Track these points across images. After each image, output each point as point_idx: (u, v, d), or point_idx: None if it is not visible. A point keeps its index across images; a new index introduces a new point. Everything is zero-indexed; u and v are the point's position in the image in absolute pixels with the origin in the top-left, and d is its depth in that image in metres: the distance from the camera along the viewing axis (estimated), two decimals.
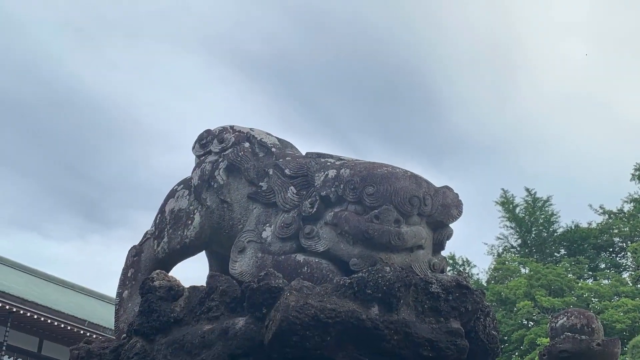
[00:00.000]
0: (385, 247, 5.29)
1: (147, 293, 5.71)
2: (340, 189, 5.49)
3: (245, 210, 6.06)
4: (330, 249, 5.42)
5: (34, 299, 30.89)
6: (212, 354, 5.11)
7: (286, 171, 5.87)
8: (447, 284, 5.23)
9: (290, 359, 4.92)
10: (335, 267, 5.39)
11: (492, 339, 5.60)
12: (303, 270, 5.41)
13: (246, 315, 5.16)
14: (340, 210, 5.47)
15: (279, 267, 5.46)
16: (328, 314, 4.83)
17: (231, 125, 6.53)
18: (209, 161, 6.40)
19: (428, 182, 5.58)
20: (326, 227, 5.49)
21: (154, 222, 6.70)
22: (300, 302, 4.85)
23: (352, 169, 5.58)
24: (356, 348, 4.96)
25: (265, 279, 5.14)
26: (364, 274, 5.06)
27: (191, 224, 6.30)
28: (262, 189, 5.95)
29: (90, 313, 34.05)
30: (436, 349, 5.02)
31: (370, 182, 5.40)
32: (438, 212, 5.50)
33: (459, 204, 5.65)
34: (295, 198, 5.72)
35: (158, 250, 6.49)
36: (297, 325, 4.79)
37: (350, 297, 4.98)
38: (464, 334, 5.16)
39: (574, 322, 9.82)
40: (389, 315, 4.98)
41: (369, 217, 5.32)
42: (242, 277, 5.64)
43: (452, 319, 5.17)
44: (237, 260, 5.81)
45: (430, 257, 5.53)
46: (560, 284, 34.80)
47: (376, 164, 5.65)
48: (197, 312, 5.48)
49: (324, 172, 5.72)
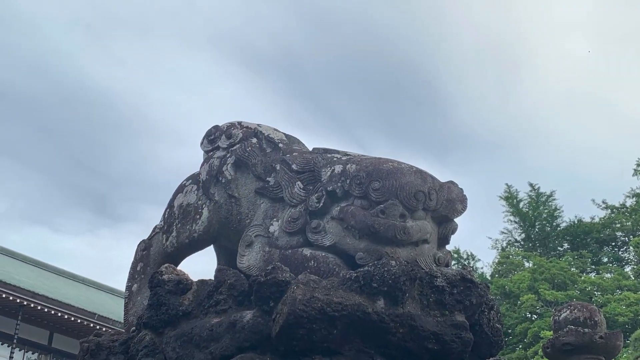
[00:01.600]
0: (391, 241, 5.34)
1: (156, 287, 5.77)
2: (346, 184, 5.55)
3: (253, 205, 6.11)
4: (337, 243, 5.48)
5: (44, 293, 31.05)
6: (220, 346, 5.16)
7: (293, 166, 5.92)
8: (452, 278, 5.28)
9: (297, 351, 4.97)
10: (342, 261, 5.44)
11: (496, 332, 5.64)
12: (310, 264, 5.46)
13: (254, 308, 5.21)
14: (347, 205, 5.52)
15: (286, 261, 5.51)
16: (334, 307, 4.88)
17: (239, 121, 6.58)
18: (217, 157, 6.45)
19: (433, 177, 5.63)
20: (333, 222, 5.54)
21: (163, 216, 6.74)
22: (307, 296, 4.89)
23: (359, 164, 5.63)
24: (362, 341, 5.01)
25: (272, 272, 5.19)
26: (370, 268, 5.11)
27: (199, 219, 6.35)
28: (269, 184, 6.00)
29: (99, 306, 34.20)
30: (441, 341, 5.07)
31: (376, 177, 5.46)
32: (443, 207, 5.55)
33: (464, 198, 5.69)
34: (302, 193, 5.77)
35: (167, 245, 6.54)
36: (304, 318, 4.84)
37: (357, 290, 5.03)
38: (468, 327, 5.20)
39: (577, 315, 9.88)
40: (395, 309, 5.02)
41: (375, 212, 5.37)
42: (249, 271, 5.69)
43: (457, 312, 5.22)
44: (245, 254, 5.87)
45: (436, 251, 5.57)
46: (564, 277, 34.81)
47: (382, 159, 5.71)
48: (205, 306, 5.53)
49: (330, 167, 5.77)
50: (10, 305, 30.25)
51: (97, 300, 36.75)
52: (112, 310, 33.17)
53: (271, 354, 5.03)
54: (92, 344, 6.21)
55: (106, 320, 31.05)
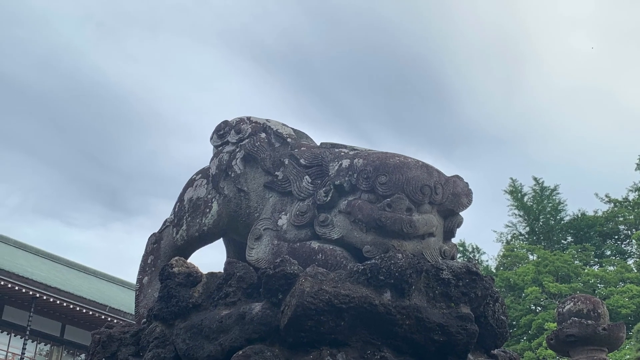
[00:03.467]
0: (398, 234, 5.40)
1: (167, 279, 5.84)
2: (353, 178, 5.61)
3: (262, 199, 6.17)
4: (344, 237, 5.54)
5: (56, 285, 31.21)
6: (229, 338, 5.21)
7: (301, 161, 5.98)
8: (457, 271, 5.34)
9: (305, 343, 5.02)
10: (349, 254, 5.50)
11: (501, 324, 5.69)
12: (318, 257, 5.52)
13: (262, 300, 5.27)
14: (354, 198, 5.58)
15: (294, 254, 5.58)
16: (342, 299, 4.93)
17: (248, 117, 6.64)
18: (227, 151, 6.51)
19: (439, 172, 5.69)
20: (340, 215, 5.60)
21: (173, 210, 6.81)
22: (315, 288, 4.95)
23: (365, 158, 5.69)
24: (369, 333, 5.06)
25: (280, 265, 5.25)
26: (377, 261, 5.17)
27: (209, 212, 6.42)
28: (278, 178, 6.06)
29: (111, 298, 34.35)
30: (447, 333, 5.13)
31: (383, 172, 5.52)
32: (449, 201, 5.62)
33: (469, 192, 5.76)
34: (310, 187, 5.83)
35: (177, 238, 6.61)
36: (312, 310, 4.89)
37: (364, 283, 5.08)
38: (473, 318, 5.26)
39: (580, 307, 9.95)
40: (401, 301, 5.08)
41: (382, 206, 5.43)
42: (258, 264, 5.76)
43: (462, 304, 5.28)
44: (254, 247, 5.93)
45: (441, 245, 5.64)
46: (567, 270, 34.83)
47: (389, 154, 5.76)
48: (215, 298, 5.59)
49: (338, 161, 5.82)
50: (23, 298, 30.45)
51: (108, 292, 36.90)
52: (124, 302, 33.34)
53: (280, 345, 5.08)
54: (103, 336, 6.28)
55: (117, 312, 31.22)
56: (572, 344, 9.93)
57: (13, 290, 29.53)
